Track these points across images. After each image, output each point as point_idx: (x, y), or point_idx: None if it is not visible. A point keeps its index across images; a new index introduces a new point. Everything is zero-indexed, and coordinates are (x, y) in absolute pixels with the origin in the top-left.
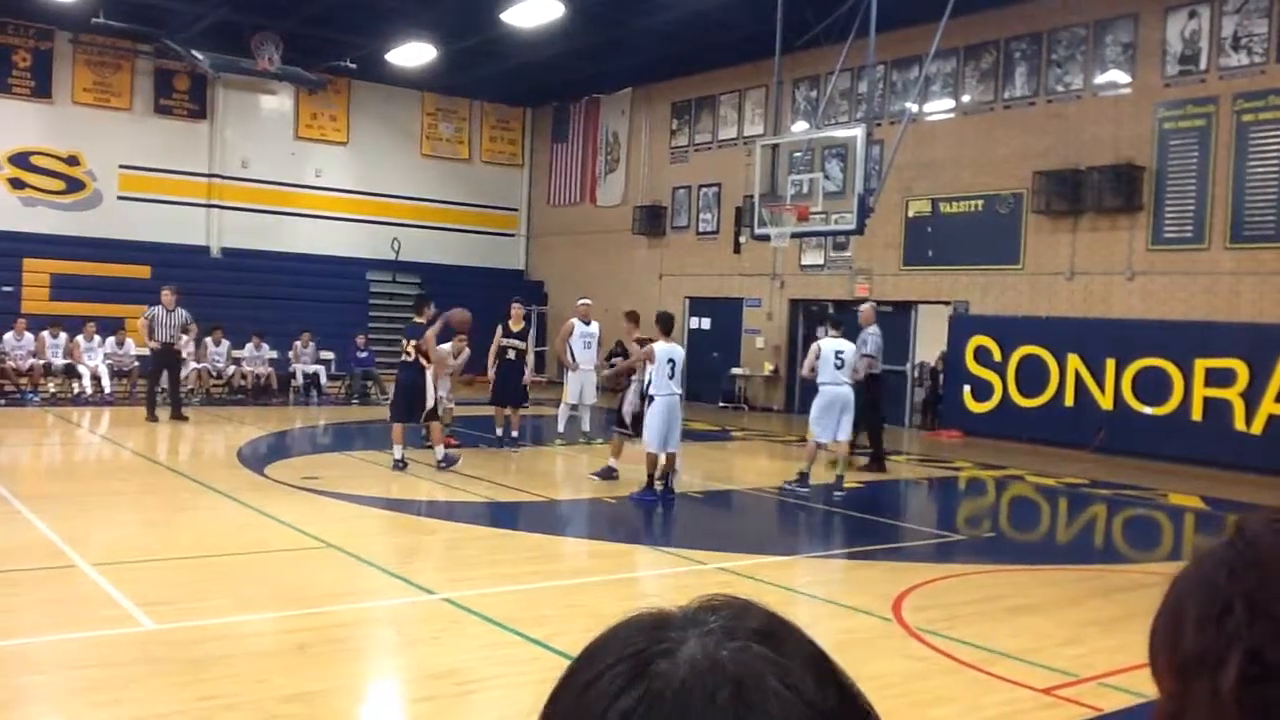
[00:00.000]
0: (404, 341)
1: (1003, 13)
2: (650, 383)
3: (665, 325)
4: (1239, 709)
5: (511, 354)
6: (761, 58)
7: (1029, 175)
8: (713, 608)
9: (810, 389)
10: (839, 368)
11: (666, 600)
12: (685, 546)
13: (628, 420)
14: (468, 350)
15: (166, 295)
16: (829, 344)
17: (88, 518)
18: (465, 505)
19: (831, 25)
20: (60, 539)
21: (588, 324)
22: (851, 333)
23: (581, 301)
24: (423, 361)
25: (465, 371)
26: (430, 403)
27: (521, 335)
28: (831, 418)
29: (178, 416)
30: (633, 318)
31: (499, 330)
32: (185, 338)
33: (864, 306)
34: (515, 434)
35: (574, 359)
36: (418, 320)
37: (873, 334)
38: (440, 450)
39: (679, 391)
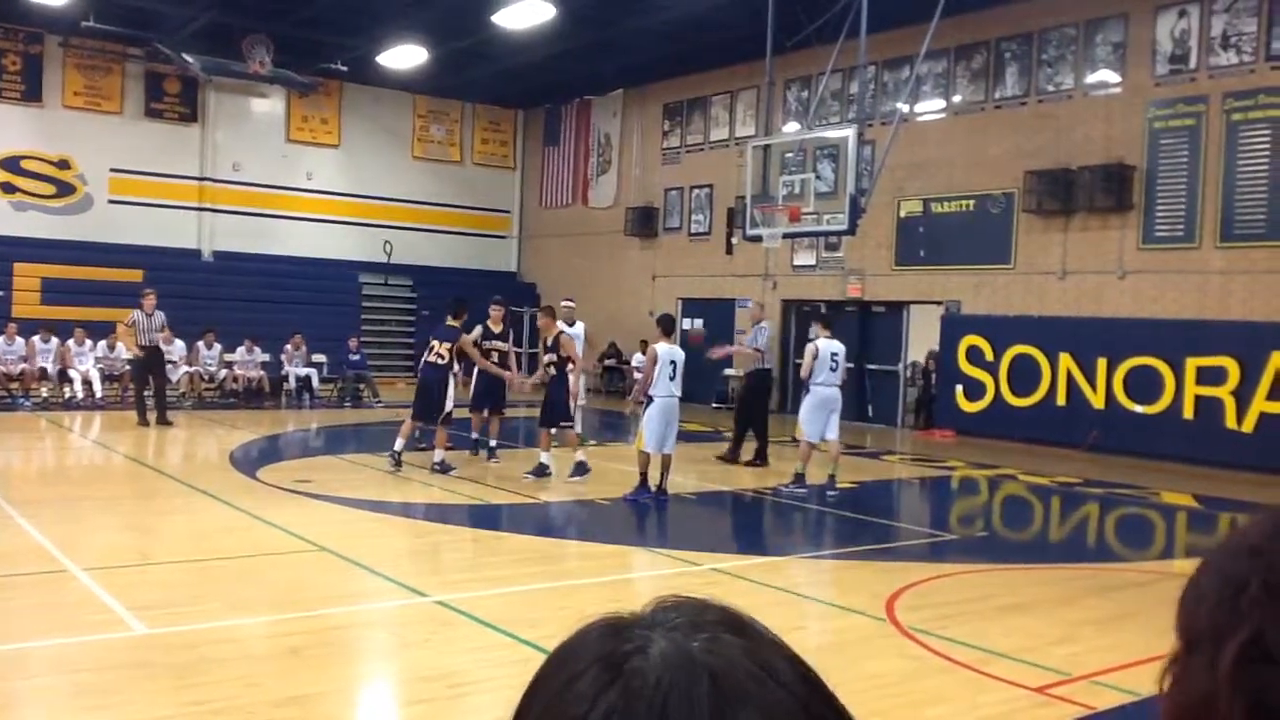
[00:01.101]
0: (435, 343)
1: (993, 13)
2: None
3: (666, 327)
4: (1231, 687)
5: (495, 356)
6: (753, 59)
7: (1020, 175)
8: (671, 606)
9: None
10: (834, 369)
11: None
12: (678, 547)
13: (572, 412)
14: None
15: (149, 300)
16: (826, 345)
17: (80, 522)
18: (458, 508)
19: (823, 26)
20: (52, 544)
21: (572, 325)
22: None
23: (565, 304)
24: (456, 364)
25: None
26: (449, 406)
27: (503, 336)
28: (821, 417)
29: (163, 421)
30: (549, 312)
31: (478, 331)
32: (168, 336)
33: (751, 304)
34: (493, 443)
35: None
36: (452, 323)
37: (762, 329)
38: (439, 454)
39: (678, 394)
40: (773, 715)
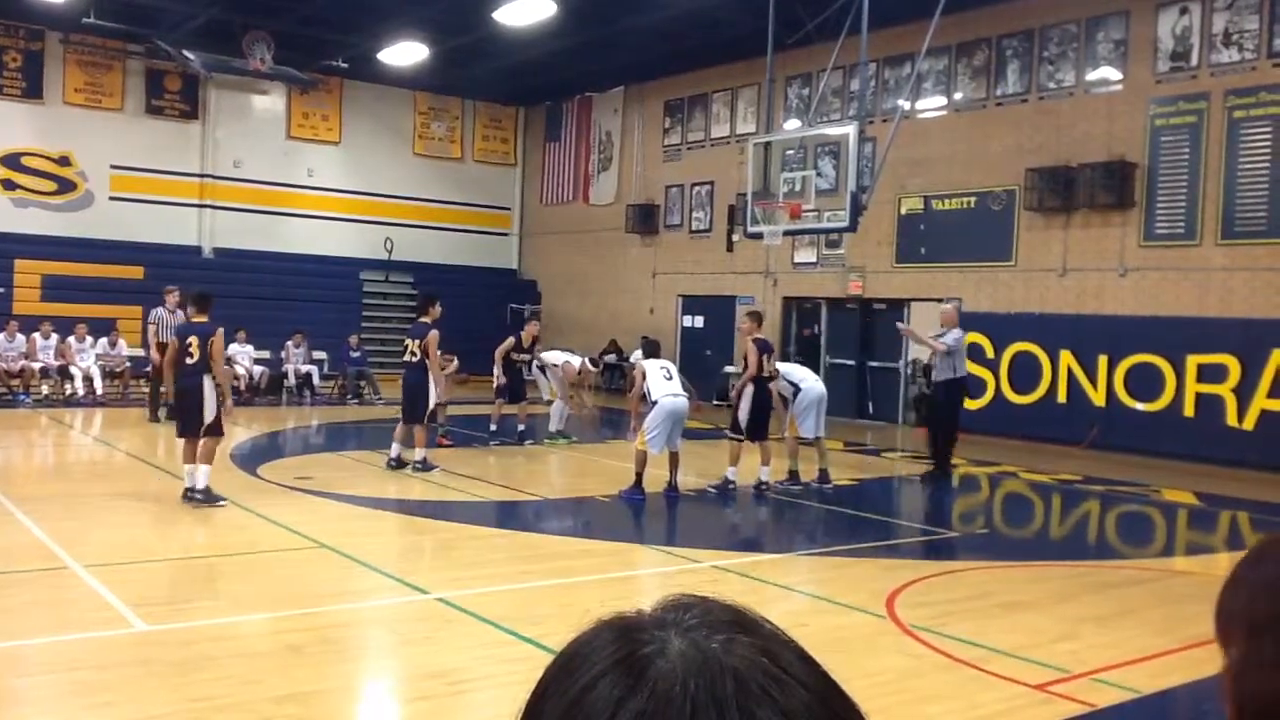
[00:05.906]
0: (409, 342)
1: (994, 10)
2: (649, 391)
3: (649, 350)
4: None
5: (520, 368)
6: (754, 55)
7: (1021, 172)
8: (681, 606)
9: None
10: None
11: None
12: (679, 545)
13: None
14: (456, 362)
15: (171, 296)
16: (788, 365)
17: (80, 519)
18: (459, 505)
19: (824, 23)
20: (52, 541)
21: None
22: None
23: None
24: (427, 362)
25: (461, 371)
26: (433, 403)
27: (530, 350)
28: (812, 414)
29: (174, 417)
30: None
31: (511, 341)
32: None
33: (946, 306)
34: (522, 427)
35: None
36: (422, 320)
37: (955, 334)
38: (420, 453)
39: (681, 393)
40: (796, 715)
